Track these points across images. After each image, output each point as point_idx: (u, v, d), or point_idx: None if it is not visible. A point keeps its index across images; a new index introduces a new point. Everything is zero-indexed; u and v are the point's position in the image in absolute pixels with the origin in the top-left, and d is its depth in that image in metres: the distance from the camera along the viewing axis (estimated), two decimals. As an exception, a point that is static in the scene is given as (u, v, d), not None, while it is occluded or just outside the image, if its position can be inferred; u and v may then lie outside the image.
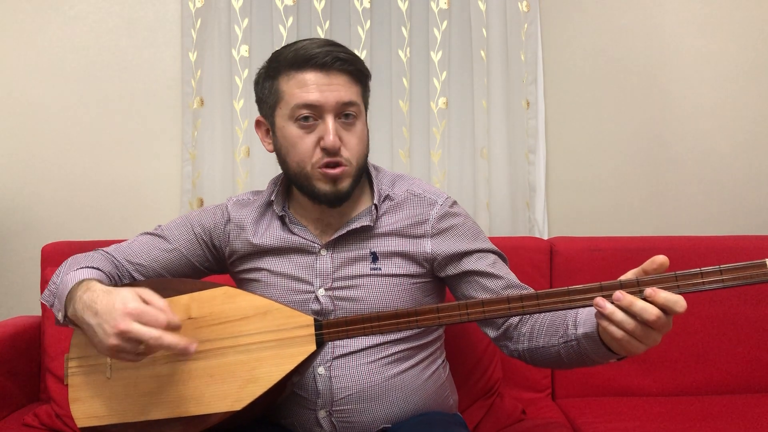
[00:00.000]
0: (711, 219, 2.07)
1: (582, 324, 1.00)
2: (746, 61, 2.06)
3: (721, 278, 0.84)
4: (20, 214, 2.04)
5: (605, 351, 0.95)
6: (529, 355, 1.11)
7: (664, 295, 0.84)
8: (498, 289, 1.16)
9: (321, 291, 1.17)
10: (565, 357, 1.04)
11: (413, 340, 1.20)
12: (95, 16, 2.04)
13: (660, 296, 0.84)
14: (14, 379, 1.61)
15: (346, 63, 1.13)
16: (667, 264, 0.87)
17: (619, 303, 0.85)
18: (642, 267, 0.88)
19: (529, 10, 2.02)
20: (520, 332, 1.12)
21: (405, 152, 2.01)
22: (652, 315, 0.84)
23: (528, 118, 2.03)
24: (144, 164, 2.05)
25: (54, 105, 2.04)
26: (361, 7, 1.98)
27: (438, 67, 2.00)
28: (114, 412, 1.08)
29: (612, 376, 1.70)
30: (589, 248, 1.74)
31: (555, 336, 1.05)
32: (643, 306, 0.84)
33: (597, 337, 0.95)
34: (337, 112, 1.12)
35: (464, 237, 1.20)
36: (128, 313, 0.95)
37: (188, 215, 1.30)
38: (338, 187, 1.14)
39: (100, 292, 1.01)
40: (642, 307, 0.84)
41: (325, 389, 1.14)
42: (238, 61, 1.97)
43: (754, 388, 1.69)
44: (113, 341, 0.96)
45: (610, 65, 2.08)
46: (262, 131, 1.23)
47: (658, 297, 0.84)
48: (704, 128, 2.07)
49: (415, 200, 1.21)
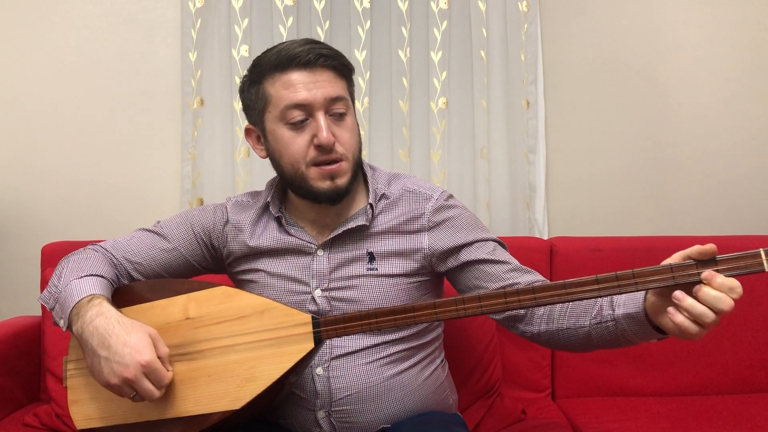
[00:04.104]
0: (711, 219, 2.07)
1: (622, 305, 1.00)
2: (746, 61, 2.06)
3: (717, 269, 0.86)
4: (20, 214, 2.04)
5: (652, 332, 0.96)
6: (546, 337, 1.10)
7: (721, 280, 0.85)
8: (502, 273, 1.15)
9: (318, 292, 1.17)
10: (596, 338, 1.04)
11: (411, 340, 1.19)
12: (95, 16, 2.04)
13: (717, 281, 0.85)
14: (14, 379, 1.61)
15: (329, 59, 1.13)
16: (716, 252, 0.87)
17: (701, 295, 0.85)
18: (686, 252, 0.88)
19: (529, 10, 2.02)
20: (535, 314, 1.11)
21: (405, 152, 2.01)
22: (728, 305, 0.85)
23: (528, 118, 2.03)
24: (144, 164, 2.05)
25: (54, 105, 2.04)
26: (361, 7, 1.98)
27: (438, 67, 2.00)
28: (113, 414, 1.08)
29: (612, 376, 1.70)
30: (588, 248, 1.74)
31: (585, 317, 1.04)
32: (717, 296, 0.85)
33: (644, 319, 0.95)
34: (327, 108, 1.12)
35: (461, 228, 1.19)
36: (141, 366, 0.98)
37: (188, 214, 1.30)
38: (337, 183, 1.14)
39: (116, 323, 1.01)
40: (717, 297, 0.85)
41: (324, 390, 1.14)
42: (238, 61, 1.98)
43: (754, 388, 1.69)
44: (115, 381, 0.99)
45: (610, 65, 2.07)
46: (253, 139, 1.22)
47: (715, 281, 0.85)
48: (704, 128, 2.07)
49: (411, 196, 1.21)
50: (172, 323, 1.07)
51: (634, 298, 0.98)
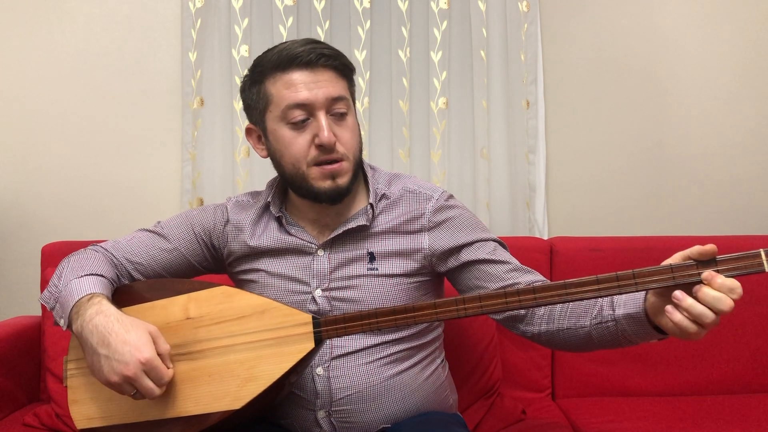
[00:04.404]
0: (711, 219, 2.07)
1: (622, 305, 1.00)
2: (746, 61, 2.06)
3: (717, 270, 0.86)
4: (20, 214, 2.05)
5: (652, 332, 0.96)
6: (547, 337, 1.10)
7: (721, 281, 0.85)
8: (502, 273, 1.15)
9: (318, 291, 1.17)
10: (596, 338, 1.04)
11: (411, 340, 1.19)
12: (95, 15, 2.04)
13: (717, 281, 0.85)
14: (14, 379, 1.61)
15: (330, 59, 1.13)
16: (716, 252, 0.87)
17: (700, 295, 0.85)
18: (687, 253, 0.88)
19: (529, 10, 2.02)
20: (535, 314, 1.11)
21: (405, 152, 2.01)
22: (727, 306, 0.85)
23: (528, 118, 2.03)
24: (144, 164, 2.05)
25: (54, 105, 2.04)
26: (361, 7, 1.98)
27: (438, 67, 2.00)
28: (113, 414, 1.08)
29: (612, 376, 1.70)
30: (588, 248, 1.74)
31: (585, 317, 1.05)
32: (717, 296, 0.85)
33: (644, 319, 0.95)
34: (328, 108, 1.12)
35: (462, 228, 1.19)
36: (141, 363, 0.98)
37: (188, 214, 1.30)
38: (337, 183, 1.14)
39: (115, 321, 1.01)
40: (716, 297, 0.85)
41: (324, 390, 1.14)
42: (238, 61, 1.98)
43: (754, 388, 1.69)
44: (115, 379, 0.99)
45: (610, 65, 2.08)
46: (253, 138, 1.22)
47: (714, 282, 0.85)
48: (704, 128, 2.07)
49: (411, 196, 1.21)
50: (172, 323, 1.07)
51: (635, 298, 0.98)
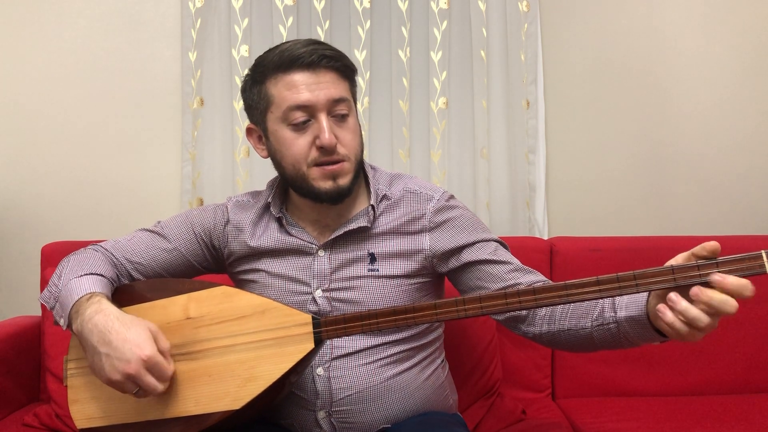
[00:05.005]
0: (711, 219, 2.07)
1: (624, 308, 0.99)
2: (746, 61, 2.06)
3: (718, 271, 0.84)
4: (20, 214, 2.04)
5: (654, 335, 0.95)
6: (548, 337, 1.10)
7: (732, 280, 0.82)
8: (503, 273, 1.15)
9: (318, 292, 1.17)
10: (598, 339, 1.03)
11: (411, 341, 1.19)
12: (95, 16, 2.04)
13: (729, 281, 0.82)
14: (14, 379, 1.61)
15: (332, 60, 1.12)
16: (719, 250, 0.85)
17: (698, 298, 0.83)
18: (693, 251, 0.87)
19: (529, 10, 2.02)
20: (537, 315, 1.10)
21: (405, 152, 2.01)
22: (732, 308, 0.82)
23: (528, 118, 2.03)
24: (144, 164, 2.05)
25: (54, 105, 2.04)
26: (361, 7, 1.98)
27: (438, 67, 2.00)
28: (113, 413, 1.08)
29: (612, 376, 1.70)
30: (589, 248, 1.74)
31: (586, 319, 1.04)
32: (723, 299, 0.82)
33: (646, 322, 0.94)
34: (329, 110, 1.12)
35: (463, 229, 1.19)
36: (143, 360, 0.97)
37: (189, 214, 1.29)
38: (339, 184, 1.13)
39: (114, 319, 1.01)
40: (723, 300, 0.82)
41: (324, 390, 1.14)
42: (238, 61, 1.98)
43: (754, 388, 1.69)
44: (117, 378, 0.98)
45: (610, 65, 2.08)
46: (254, 138, 1.22)
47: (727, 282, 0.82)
48: (704, 128, 2.07)
49: (412, 197, 1.21)
50: (172, 323, 1.07)
51: (637, 300, 0.97)
